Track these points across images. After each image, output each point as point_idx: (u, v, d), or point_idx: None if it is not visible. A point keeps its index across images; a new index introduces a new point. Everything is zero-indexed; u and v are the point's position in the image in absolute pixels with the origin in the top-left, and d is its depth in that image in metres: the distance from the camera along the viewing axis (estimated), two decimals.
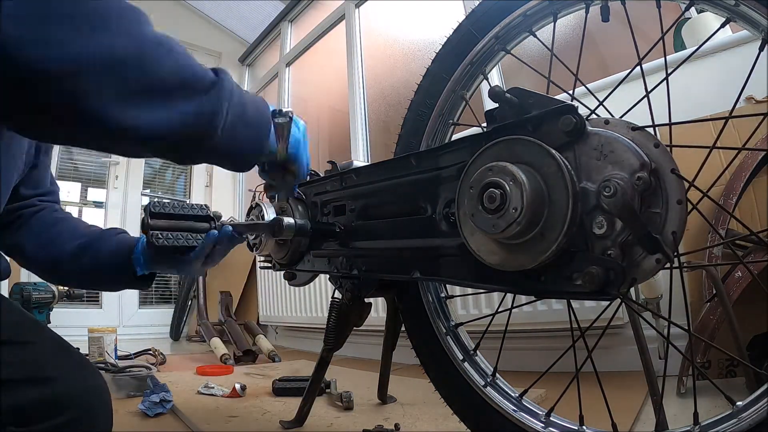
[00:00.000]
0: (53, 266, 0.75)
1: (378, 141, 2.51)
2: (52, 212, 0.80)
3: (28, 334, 0.58)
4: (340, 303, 0.96)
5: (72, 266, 0.75)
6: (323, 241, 0.86)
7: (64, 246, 0.75)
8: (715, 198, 0.87)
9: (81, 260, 0.74)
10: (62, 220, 0.79)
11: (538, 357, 1.38)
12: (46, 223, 0.77)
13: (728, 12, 0.54)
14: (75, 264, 0.74)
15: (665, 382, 0.98)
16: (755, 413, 0.49)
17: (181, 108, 0.43)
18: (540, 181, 0.50)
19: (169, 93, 0.42)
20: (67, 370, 0.56)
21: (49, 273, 0.78)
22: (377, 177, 0.77)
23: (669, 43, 1.52)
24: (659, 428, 0.61)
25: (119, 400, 1.26)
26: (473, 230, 0.55)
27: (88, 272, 0.75)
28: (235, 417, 1.10)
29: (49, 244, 0.75)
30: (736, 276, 1.02)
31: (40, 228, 0.76)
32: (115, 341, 1.81)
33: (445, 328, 0.79)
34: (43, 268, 0.77)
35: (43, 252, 0.75)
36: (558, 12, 0.67)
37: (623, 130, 0.51)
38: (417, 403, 1.17)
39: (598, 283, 0.48)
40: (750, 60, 0.53)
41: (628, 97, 0.63)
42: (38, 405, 0.51)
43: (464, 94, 0.79)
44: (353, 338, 1.03)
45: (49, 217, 0.78)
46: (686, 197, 0.48)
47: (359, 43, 2.63)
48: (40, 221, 0.77)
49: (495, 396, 0.71)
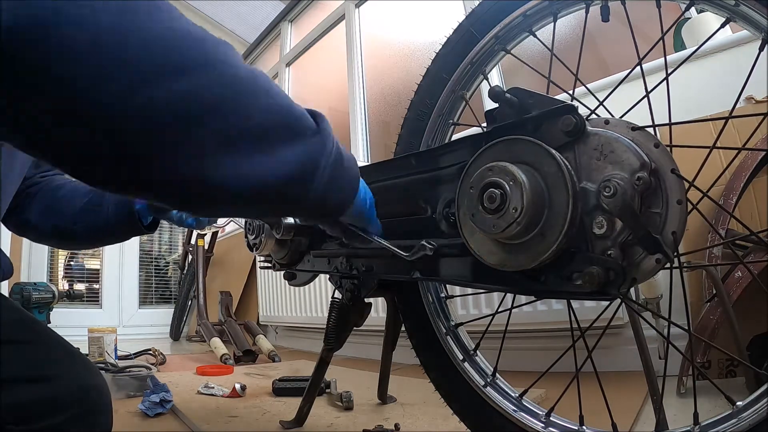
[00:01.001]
0: (61, 228, 0.78)
1: (378, 141, 2.51)
2: (54, 181, 0.82)
3: (28, 333, 0.58)
4: (340, 303, 0.96)
5: (80, 223, 0.77)
6: (323, 240, 0.86)
7: (69, 205, 0.78)
8: (715, 198, 0.87)
9: (88, 216, 0.77)
10: (63, 185, 0.82)
11: (538, 357, 1.38)
12: (49, 190, 0.80)
13: (728, 12, 0.54)
14: (82, 221, 0.77)
15: (665, 382, 0.98)
16: (755, 413, 0.48)
17: (282, 156, 0.37)
18: (540, 181, 0.50)
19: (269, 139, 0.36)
20: (67, 370, 0.56)
21: (58, 237, 0.80)
22: (377, 177, 0.77)
23: (669, 43, 1.52)
24: (659, 428, 0.61)
25: (119, 400, 1.26)
26: (473, 230, 0.55)
27: (97, 226, 0.78)
28: (235, 417, 1.10)
29: (54, 207, 0.78)
30: (736, 276, 1.02)
31: (44, 196, 0.79)
32: (115, 341, 1.81)
33: (445, 328, 0.79)
34: (51, 233, 0.79)
35: (49, 217, 0.77)
36: (558, 12, 0.67)
37: (623, 130, 0.51)
38: (417, 403, 1.17)
39: (598, 283, 0.48)
40: (750, 60, 0.53)
41: (628, 97, 0.63)
42: (38, 403, 0.51)
43: (464, 94, 0.79)
44: (353, 338, 1.03)
45: (51, 185, 0.81)
46: (686, 197, 0.48)
47: (359, 43, 2.63)
48: (43, 191, 0.80)
49: (495, 396, 0.71)
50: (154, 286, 3.77)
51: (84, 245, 0.87)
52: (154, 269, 3.82)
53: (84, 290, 3.37)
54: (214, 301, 2.85)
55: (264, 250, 0.94)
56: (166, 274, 3.88)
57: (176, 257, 3.78)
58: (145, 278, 3.69)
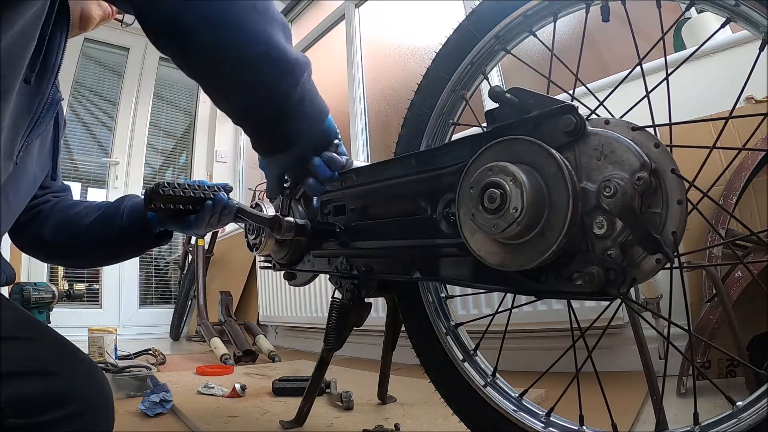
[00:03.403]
0: (76, 241, 0.79)
1: (378, 141, 2.51)
2: (67, 201, 0.84)
3: (29, 331, 0.58)
4: (340, 303, 0.96)
5: (94, 238, 0.78)
6: (323, 241, 0.86)
7: (84, 220, 0.79)
8: (715, 198, 0.87)
9: (102, 230, 0.78)
10: (78, 203, 0.83)
11: (538, 357, 1.38)
12: (64, 207, 0.81)
13: (728, 12, 0.54)
14: (97, 232, 0.78)
15: (665, 382, 0.98)
16: (755, 413, 0.48)
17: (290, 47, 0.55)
18: (540, 181, 0.50)
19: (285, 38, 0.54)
20: (69, 366, 0.56)
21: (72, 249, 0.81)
22: (377, 177, 0.77)
23: (669, 43, 1.52)
24: (659, 428, 0.61)
25: (119, 400, 1.26)
26: (473, 230, 0.55)
27: (109, 238, 0.79)
28: (235, 417, 1.10)
29: (69, 222, 0.79)
30: (736, 276, 1.02)
31: (59, 212, 0.80)
32: (115, 341, 1.81)
33: (445, 328, 0.79)
34: (64, 248, 0.80)
35: (63, 231, 0.78)
36: (558, 12, 0.67)
37: (623, 130, 0.51)
38: (417, 403, 1.17)
39: (598, 283, 0.48)
40: (750, 60, 0.53)
41: (628, 97, 0.63)
42: (39, 397, 0.51)
43: (464, 94, 0.79)
44: (353, 338, 1.03)
45: (66, 203, 0.82)
46: (686, 197, 0.48)
47: (359, 43, 2.63)
48: (57, 209, 0.81)
49: (495, 396, 0.71)
50: (154, 286, 3.77)
51: (96, 258, 0.87)
52: (154, 269, 3.82)
53: (84, 290, 3.36)
54: (214, 301, 2.85)
55: (264, 250, 0.94)
56: (166, 274, 3.88)
57: (176, 257, 3.78)
58: (145, 278, 3.69)
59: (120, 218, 0.78)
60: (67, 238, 0.78)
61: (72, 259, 0.88)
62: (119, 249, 0.82)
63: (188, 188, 0.68)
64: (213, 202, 0.71)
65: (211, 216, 0.72)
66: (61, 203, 0.82)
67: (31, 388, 0.51)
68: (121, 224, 0.78)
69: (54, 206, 0.81)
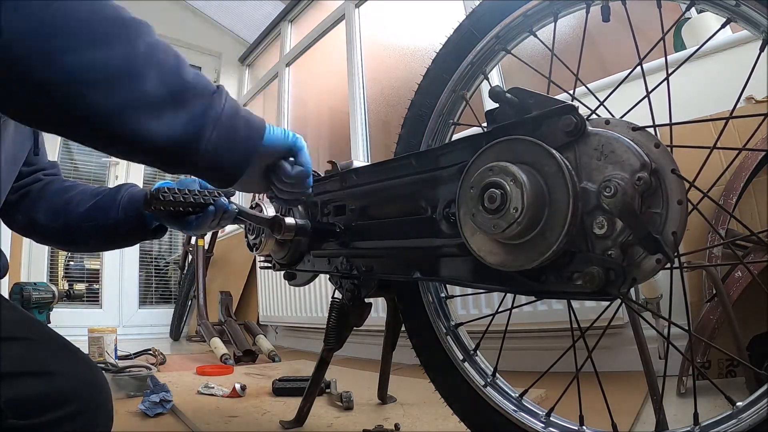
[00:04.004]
0: (71, 228, 0.77)
1: (378, 141, 2.51)
2: (62, 182, 0.82)
3: (29, 331, 0.58)
4: (340, 303, 0.96)
5: (88, 225, 0.77)
6: (323, 241, 0.86)
7: (78, 208, 0.77)
8: (715, 198, 0.87)
9: (96, 218, 0.77)
10: (73, 186, 0.81)
11: (538, 357, 1.38)
12: (58, 191, 0.79)
13: (729, 12, 0.54)
14: (91, 222, 0.77)
15: (665, 382, 0.98)
16: (755, 413, 0.48)
17: (168, 121, 0.43)
18: (540, 181, 0.50)
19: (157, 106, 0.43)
20: (69, 366, 0.56)
21: (66, 236, 0.80)
22: (377, 177, 0.77)
23: (669, 43, 1.52)
24: (659, 428, 0.61)
25: (119, 400, 1.26)
26: (474, 230, 0.55)
27: (105, 229, 0.77)
28: (235, 417, 1.10)
29: (64, 208, 0.77)
30: (736, 276, 1.02)
31: (52, 195, 0.78)
32: (115, 341, 1.81)
33: (445, 328, 0.79)
34: (59, 235, 0.79)
35: (57, 217, 0.77)
36: (558, 12, 0.67)
37: (624, 130, 0.51)
38: (417, 403, 1.17)
39: (598, 283, 0.48)
40: (750, 60, 0.53)
41: (628, 97, 0.63)
42: (39, 398, 0.51)
43: (465, 94, 0.79)
44: (353, 338, 1.03)
45: (59, 186, 0.80)
46: (686, 197, 0.48)
47: (359, 43, 2.63)
48: (52, 190, 0.79)
49: (495, 396, 0.71)
50: (154, 286, 3.77)
51: (91, 246, 0.86)
52: (154, 269, 3.82)
53: (84, 290, 3.37)
54: (214, 301, 2.85)
55: (264, 250, 0.94)
56: (166, 274, 3.87)
57: (176, 257, 3.78)
58: (145, 278, 3.69)
59: (116, 210, 0.77)
60: (62, 225, 0.77)
61: (66, 245, 0.87)
62: (114, 239, 0.81)
63: (188, 194, 0.68)
64: (214, 207, 0.71)
65: (211, 220, 0.72)
66: (54, 185, 0.80)
67: (30, 388, 0.51)
68: (117, 216, 0.77)
69: (45, 187, 0.79)
